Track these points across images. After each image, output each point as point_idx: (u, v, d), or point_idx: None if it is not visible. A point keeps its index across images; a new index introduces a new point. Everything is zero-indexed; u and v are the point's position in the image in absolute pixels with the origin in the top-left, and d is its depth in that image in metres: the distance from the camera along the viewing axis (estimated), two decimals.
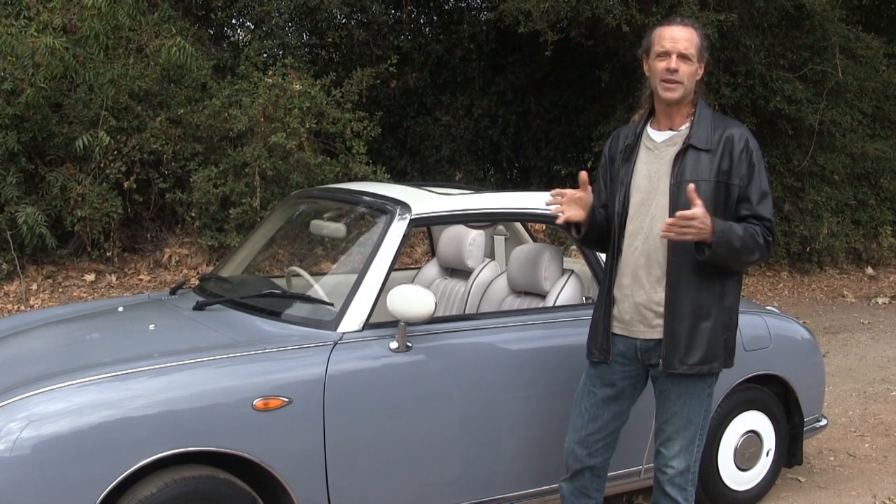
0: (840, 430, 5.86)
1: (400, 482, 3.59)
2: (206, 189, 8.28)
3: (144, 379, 3.16)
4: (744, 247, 3.16)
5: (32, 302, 7.71)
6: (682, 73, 3.23)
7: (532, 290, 4.29)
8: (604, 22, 9.59)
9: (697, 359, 3.24)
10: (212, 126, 8.60)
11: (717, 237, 3.09)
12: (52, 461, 2.93)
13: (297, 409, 3.31)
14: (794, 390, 4.60)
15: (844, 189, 11.93)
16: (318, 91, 8.74)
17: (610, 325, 3.40)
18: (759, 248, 3.20)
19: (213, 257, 8.65)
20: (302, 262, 5.70)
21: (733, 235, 3.13)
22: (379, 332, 3.58)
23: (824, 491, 4.86)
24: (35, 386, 3.08)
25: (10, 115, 7.81)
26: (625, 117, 10.00)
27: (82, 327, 4.09)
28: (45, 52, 7.23)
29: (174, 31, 8.35)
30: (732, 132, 3.26)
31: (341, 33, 11.14)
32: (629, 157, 3.38)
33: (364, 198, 4.25)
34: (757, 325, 4.48)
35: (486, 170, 12.65)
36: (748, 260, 3.24)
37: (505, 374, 3.80)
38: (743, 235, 3.15)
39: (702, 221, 3.06)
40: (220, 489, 3.17)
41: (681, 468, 3.36)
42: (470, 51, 11.88)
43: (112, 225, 8.26)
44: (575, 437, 3.53)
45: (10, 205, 7.75)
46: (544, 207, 4.16)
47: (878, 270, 12.06)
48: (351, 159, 9.02)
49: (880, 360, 7.83)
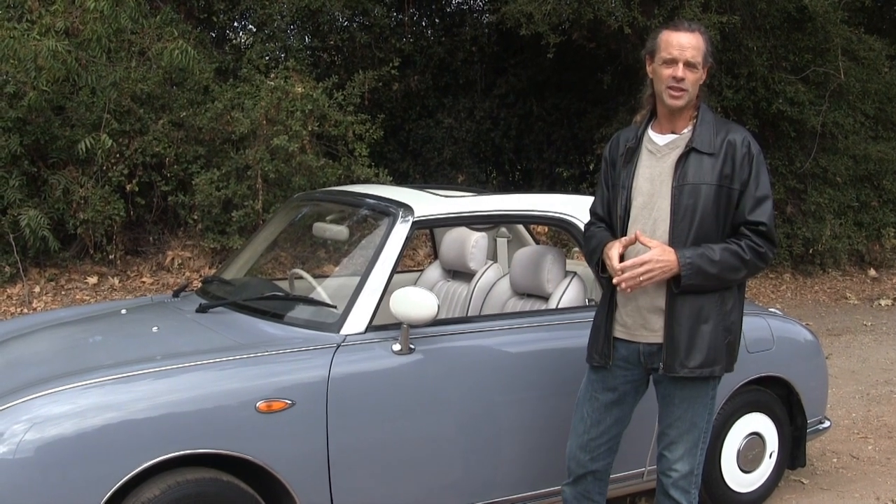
0: (843, 431, 5.86)
1: (403, 484, 3.59)
2: (209, 192, 8.28)
3: (147, 381, 3.17)
4: (723, 268, 3.15)
5: (35, 305, 7.72)
6: (688, 81, 3.22)
7: (535, 293, 4.29)
8: (605, 24, 9.59)
9: (698, 362, 3.23)
10: (214, 129, 8.61)
11: (686, 269, 3.11)
12: (56, 463, 2.93)
13: (300, 412, 3.31)
14: (797, 392, 4.59)
15: (847, 191, 11.91)
16: (320, 94, 8.75)
17: (612, 329, 3.39)
18: (746, 264, 3.19)
19: (216, 260, 8.66)
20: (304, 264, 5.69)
21: (705, 261, 3.13)
22: (382, 335, 3.58)
23: (827, 493, 4.85)
24: (38, 388, 3.08)
25: (12, 118, 7.83)
26: (627, 119, 9.97)
27: (85, 330, 4.09)
28: (47, 55, 7.23)
29: (176, 34, 8.35)
30: (735, 136, 3.25)
31: (343, 36, 11.14)
32: (630, 160, 3.37)
33: (367, 200, 4.25)
34: (760, 327, 4.48)
35: (488, 172, 12.65)
36: (733, 278, 3.22)
37: (507, 377, 3.79)
38: (720, 259, 3.15)
39: (657, 261, 3.10)
40: (223, 492, 3.17)
41: (685, 471, 3.35)
42: (472, 53, 11.88)
43: (114, 228, 8.27)
44: (577, 442, 3.52)
45: (13, 208, 7.76)
46: (547, 209, 4.18)
47: (881, 272, 12.05)
48: (353, 162, 9.02)
49: (883, 362, 7.82)
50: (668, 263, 3.12)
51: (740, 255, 3.18)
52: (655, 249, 3.13)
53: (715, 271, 3.14)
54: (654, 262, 3.12)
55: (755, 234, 3.21)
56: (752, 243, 3.20)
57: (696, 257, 3.13)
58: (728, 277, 3.20)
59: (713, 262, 3.14)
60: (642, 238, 3.15)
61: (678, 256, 3.13)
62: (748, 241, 3.20)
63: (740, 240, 3.20)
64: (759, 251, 3.20)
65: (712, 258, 3.14)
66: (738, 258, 3.18)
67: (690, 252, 3.14)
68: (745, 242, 3.19)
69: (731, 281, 3.23)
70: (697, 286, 3.16)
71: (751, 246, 3.20)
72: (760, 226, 3.20)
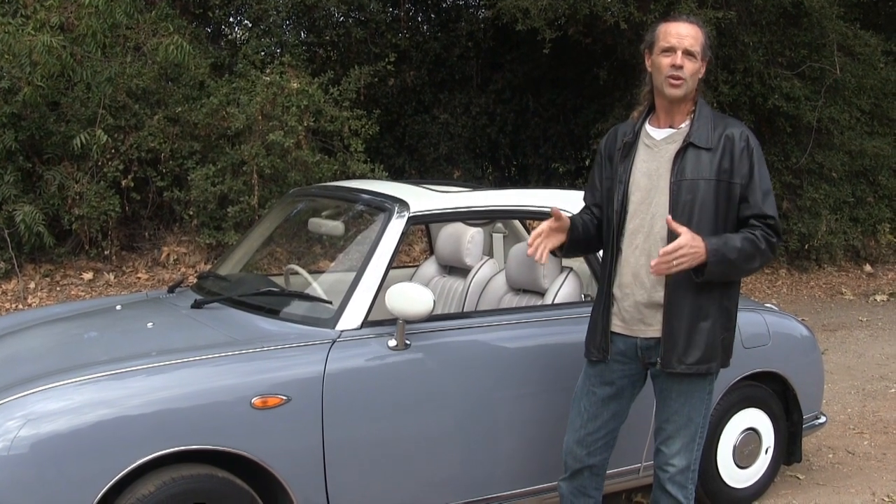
0: (839, 427, 5.87)
1: (398, 480, 3.58)
2: (204, 187, 8.26)
3: (142, 377, 3.16)
4: (742, 257, 3.14)
5: (30, 300, 7.70)
6: (687, 70, 3.21)
7: (530, 288, 4.28)
8: (601, 19, 9.58)
9: (696, 358, 3.23)
10: (209, 124, 8.59)
11: (712, 256, 3.09)
12: (50, 460, 2.92)
13: (296, 408, 3.30)
14: (792, 388, 4.59)
15: (843, 186, 11.93)
16: (315, 89, 8.74)
17: (609, 323, 3.38)
18: (761, 253, 3.18)
19: (211, 256, 8.64)
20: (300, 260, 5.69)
21: (729, 249, 3.11)
22: (377, 330, 3.57)
23: (823, 488, 4.86)
24: (33, 384, 3.07)
25: (7, 114, 7.80)
26: (622, 115, 10.00)
27: (80, 326, 4.08)
28: (42, 50, 7.21)
29: (171, 29, 8.33)
30: (733, 131, 3.25)
31: (339, 31, 11.12)
32: (627, 154, 3.36)
33: (362, 195, 4.24)
34: (756, 323, 4.48)
35: (484, 168, 12.63)
36: (750, 268, 3.21)
37: (503, 372, 3.79)
38: (741, 246, 3.14)
39: (690, 247, 3.05)
40: (218, 488, 3.16)
41: (681, 466, 3.35)
42: (468, 49, 11.86)
43: (110, 223, 8.25)
44: (574, 437, 3.52)
45: (8, 203, 7.73)
46: (543, 205, 4.17)
47: (877, 268, 12.07)
48: (349, 157, 9.01)
49: (879, 357, 7.83)
50: (699, 249, 3.07)
51: (757, 244, 3.17)
52: (686, 235, 3.06)
53: (735, 257, 3.12)
54: (689, 248, 3.05)
55: (765, 225, 3.20)
56: (765, 233, 3.19)
57: (720, 245, 3.10)
58: (746, 267, 3.19)
59: (735, 249, 3.12)
60: (672, 224, 3.08)
61: (705, 242, 3.10)
62: (762, 231, 3.19)
63: (754, 230, 3.19)
64: (770, 241, 3.20)
65: (735, 245, 3.12)
66: (755, 247, 3.17)
67: (715, 240, 3.11)
68: (760, 232, 3.18)
69: (748, 270, 3.24)
70: (720, 274, 3.13)
71: (764, 236, 3.19)
72: (769, 219, 3.20)
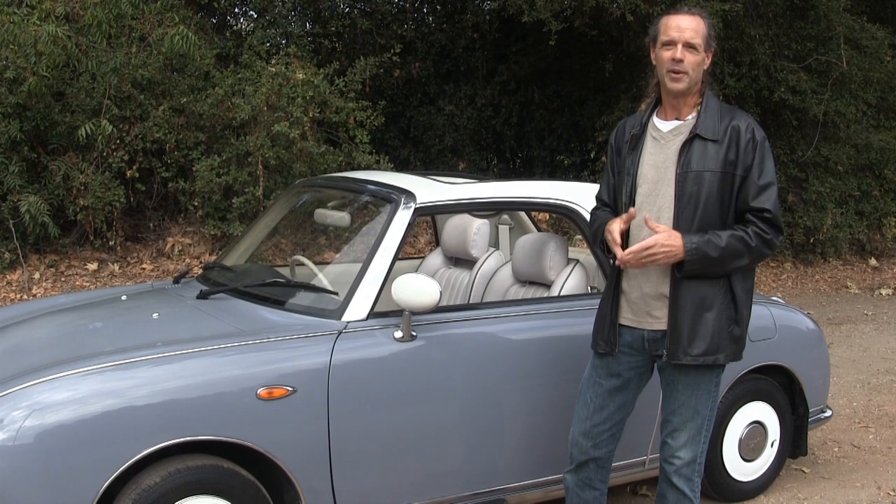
0: (844, 421, 5.86)
1: (404, 471, 3.58)
2: (209, 178, 8.26)
3: (148, 368, 3.16)
4: (727, 255, 3.15)
5: (35, 291, 7.71)
6: (688, 62, 3.20)
7: (537, 280, 4.27)
8: (608, 11, 9.54)
9: (701, 350, 3.22)
10: (215, 115, 8.58)
11: (691, 255, 3.13)
12: (56, 450, 2.92)
13: (301, 399, 3.30)
14: (799, 381, 4.59)
15: (848, 180, 11.89)
16: (321, 80, 8.71)
17: (617, 316, 3.38)
18: (751, 250, 3.18)
19: (216, 246, 8.64)
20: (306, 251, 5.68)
21: (711, 247, 3.13)
22: (383, 322, 3.57)
23: (829, 482, 4.85)
24: (38, 375, 3.07)
25: (12, 104, 7.80)
26: (628, 107, 9.98)
27: (85, 316, 4.08)
28: (47, 40, 7.19)
29: (177, 19, 8.30)
30: (739, 123, 3.24)
31: (344, 22, 11.10)
32: (635, 147, 3.36)
33: (368, 186, 4.23)
34: (762, 316, 4.46)
35: (489, 160, 12.61)
36: (737, 265, 3.21)
37: (509, 364, 3.78)
38: (726, 244, 3.15)
39: (662, 246, 3.11)
40: (224, 479, 3.17)
41: (688, 459, 3.35)
42: (473, 40, 11.82)
43: (115, 214, 8.25)
44: (580, 429, 3.51)
45: (13, 194, 7.73)
46: (549, 196, 4.16)
47: (882, 261, 12.04)
48: (354, 149, 8.99)
49: (884, 351, 7.82)
50: (673, 248, 3.13)
51: (746, 241, 3.17)
52: (662, 234, 3.14)
53: (716, 255, 3.14)
54: (659, 246, 3.13)
55: (761, 220, 3.19)
56: (758, 230, 3.19)
57: (701, 243, 3.13)
58: (731, 264, 3.19)
59: (718, 248, 3.14)
60: (651, 223, 3.15)
61: (684, 241, 3.13)
62: (754, 228, 3.19)
63: (747, 226, 3.19)
64: (764, 238, 3.19)
65: (718, 244, 3.14)
66: (744, 244, 3.17)
67: (697, 238, 3.14)
68: (752, 229, 3.19)
69: (735, 267, 3.22)
70: (699, 271, 3.17)
71: (757, 232, 3.18)
72: (765, 212, 3.19)
